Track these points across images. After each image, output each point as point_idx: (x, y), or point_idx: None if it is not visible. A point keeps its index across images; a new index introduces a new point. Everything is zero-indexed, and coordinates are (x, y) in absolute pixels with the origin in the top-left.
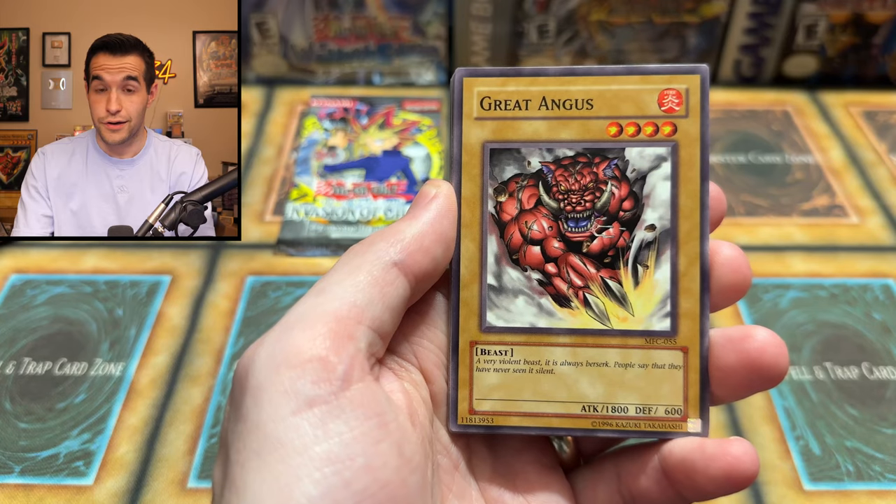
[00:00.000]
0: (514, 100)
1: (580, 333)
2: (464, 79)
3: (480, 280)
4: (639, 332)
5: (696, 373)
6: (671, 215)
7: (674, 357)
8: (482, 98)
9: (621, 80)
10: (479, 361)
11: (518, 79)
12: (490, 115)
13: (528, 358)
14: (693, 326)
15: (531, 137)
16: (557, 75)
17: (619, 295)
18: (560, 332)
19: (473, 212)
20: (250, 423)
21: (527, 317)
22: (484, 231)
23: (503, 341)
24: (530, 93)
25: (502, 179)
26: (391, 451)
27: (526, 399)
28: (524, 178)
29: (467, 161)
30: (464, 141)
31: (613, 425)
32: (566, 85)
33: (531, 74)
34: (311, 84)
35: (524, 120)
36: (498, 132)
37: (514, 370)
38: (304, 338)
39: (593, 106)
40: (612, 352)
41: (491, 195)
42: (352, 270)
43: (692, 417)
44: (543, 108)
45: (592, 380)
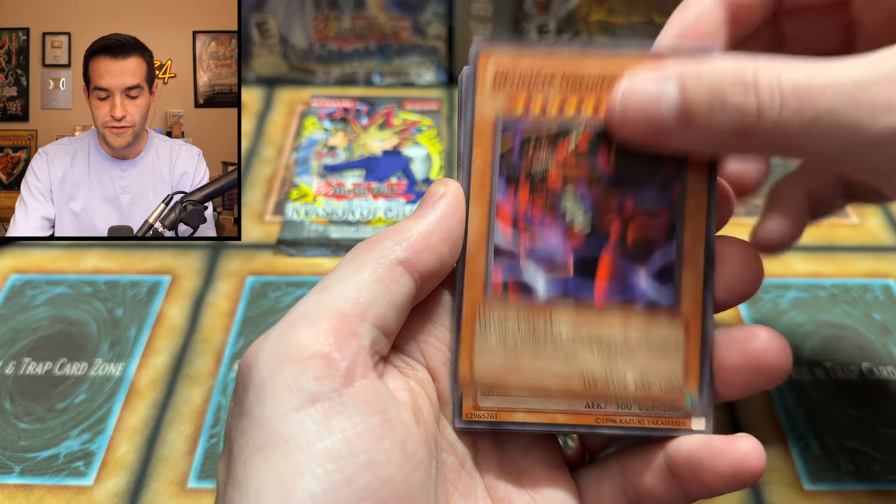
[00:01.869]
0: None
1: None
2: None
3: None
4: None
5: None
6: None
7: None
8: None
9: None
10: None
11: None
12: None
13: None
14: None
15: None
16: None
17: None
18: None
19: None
20: (253, 418)
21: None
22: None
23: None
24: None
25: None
26: (394, 448)
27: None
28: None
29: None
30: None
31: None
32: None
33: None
34: (311, 84)
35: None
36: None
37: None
38: (308, 334)
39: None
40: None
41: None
42: (356, 268)
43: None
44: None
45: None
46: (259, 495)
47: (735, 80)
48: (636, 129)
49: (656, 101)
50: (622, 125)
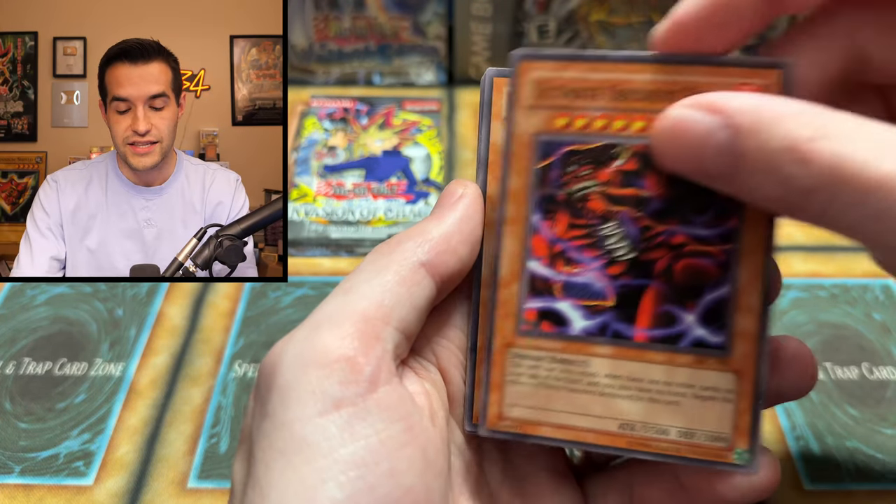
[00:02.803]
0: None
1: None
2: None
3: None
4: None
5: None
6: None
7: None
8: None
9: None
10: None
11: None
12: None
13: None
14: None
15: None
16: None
17: None
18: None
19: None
20: (276, 421)
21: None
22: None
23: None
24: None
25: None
26: (416, 456)
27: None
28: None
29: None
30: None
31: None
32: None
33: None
34: (311, 84)
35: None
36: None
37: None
38: (333, 337)
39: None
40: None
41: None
42: (379, 270)
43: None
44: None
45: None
46: (282, 500)
47: (790, 146)
48: (679, 164)
49: (703, 140)
50: (664, 156)
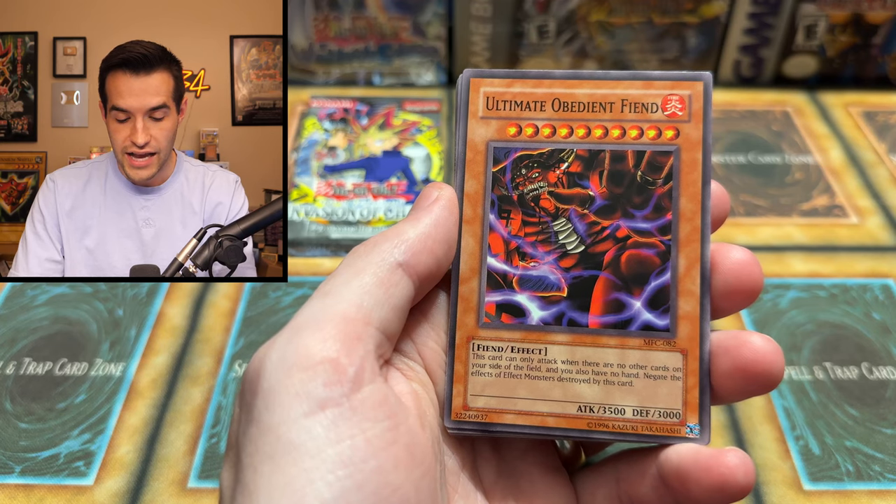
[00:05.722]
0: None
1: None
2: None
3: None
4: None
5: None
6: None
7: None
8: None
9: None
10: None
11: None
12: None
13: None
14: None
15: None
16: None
17: None
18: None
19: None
20: (262, 425)
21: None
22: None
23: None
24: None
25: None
26: (402, 454)
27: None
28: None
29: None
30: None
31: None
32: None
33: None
34: (311, 84)
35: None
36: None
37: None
38: (315, 339)
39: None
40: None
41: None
42: (357, 272)
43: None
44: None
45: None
46: (270, 502)
47: None
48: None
49: None
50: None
